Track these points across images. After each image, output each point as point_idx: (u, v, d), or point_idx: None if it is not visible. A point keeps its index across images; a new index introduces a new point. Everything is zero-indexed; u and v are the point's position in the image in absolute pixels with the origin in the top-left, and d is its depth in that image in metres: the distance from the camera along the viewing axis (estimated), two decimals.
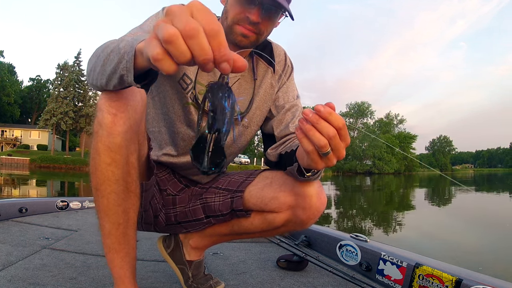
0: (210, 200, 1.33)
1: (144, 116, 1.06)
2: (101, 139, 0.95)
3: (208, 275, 1.49)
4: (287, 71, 1.40)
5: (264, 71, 1.34)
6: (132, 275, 1.11)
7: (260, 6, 1.10)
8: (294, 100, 1.37)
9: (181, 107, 1.26)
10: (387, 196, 16.70)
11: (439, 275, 1.46)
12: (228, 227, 1.34)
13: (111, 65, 0.80)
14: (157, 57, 0.54)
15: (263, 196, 1.23)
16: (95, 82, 0.91)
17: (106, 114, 0.94)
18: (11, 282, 1.41)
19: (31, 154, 42.57)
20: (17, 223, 2.58)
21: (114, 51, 0.82)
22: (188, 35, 0.52)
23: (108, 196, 1.01)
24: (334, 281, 1.72)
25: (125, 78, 0.77)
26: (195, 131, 1.29)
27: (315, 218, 1.20)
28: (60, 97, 43.95)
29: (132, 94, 0.96)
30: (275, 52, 1.38)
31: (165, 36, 0.51)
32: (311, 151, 0.80)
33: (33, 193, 12.18)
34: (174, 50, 0.53)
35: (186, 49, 0.53)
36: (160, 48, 0.54)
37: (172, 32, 0.51)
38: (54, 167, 36.36)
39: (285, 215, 1.21)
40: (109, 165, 0.98)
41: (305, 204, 1.16)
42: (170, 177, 1.41)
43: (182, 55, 0.53)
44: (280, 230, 1.30)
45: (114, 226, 1.04)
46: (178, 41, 0.52)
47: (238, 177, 1.35)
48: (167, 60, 0.54)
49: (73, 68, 45.76)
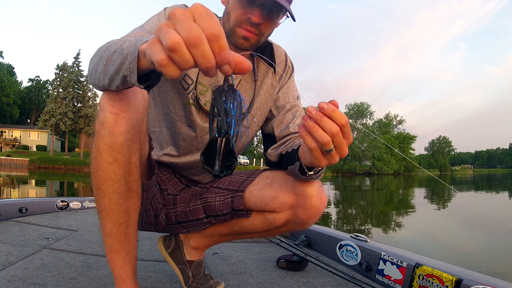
0: (211, 200, 1.33)
1: (146, 115, 1.06)
2: (103, 138, 0.96)
3: (208, 275, 1.49)
4: (288, 71, 1.40)
5: (265, 72, 1.35)
6: (133, 275, 1.12)
7: (261, 7, 1.10)
8: (295, 100, 1.38)
9: (182, 107, 1.27)
10: (387, 196, 16.70)
11: (439, 275, 1.46)
12: (229, 227, 1.34)
13: (114, 65, 0.81)
14: (161, 62, 0.55)
15: (263, 196, 1.23)
16: (97, 82, 0.91)
17: (108, 113, 0.94)
18: (11, 282, 1.41)
19: (30, 155, 42.57)
20: (17, 223, 2.58)
21: (117, 51, 0.82)
22: (191, 43, 0.53)
23: (109, 196, 1.01)
24: (334, 281, 1.73)
25: (128, 79, 0.78)
26: (197, 132, 1.29)
27: (316, 218, 1.20)
28: (59, 98, 43.95)
29: (134, 94, 0.96)
30: (276, 53, 1.38)
31: (168, 44, 0.53)
32: (314, 148, 0.80)
33: (32, 194, 12.15)
34: (178, 58, 0.54)
35: (190, 57, 0.54)
36: (164, 53, 0.55)
37: (175, 41, 0.53)
38: (53, 167, 36.34)
39: (286, 215, 1.21)
40: (111, 165, 0.98)
41: (305, 204, 1.16)
42: (170, 177, 1.41)
43: (185, 63, 0.54)
44: (280, 230, 1.30)
45: (115, 226, 1.05)
46: (182, 49, 0.53)
47: (239, 177, 1.35)
48: (171, 65, 0.55)
49: (72, 68, 45.78)
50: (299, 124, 0.80)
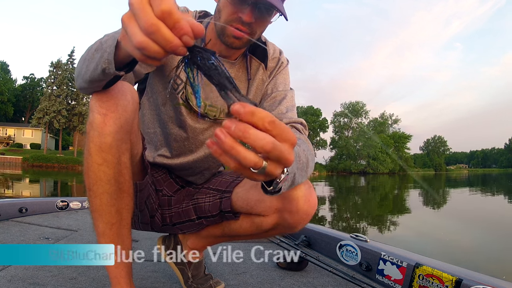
0: (201, 201, 1.32)
1: (137, 115, 1.06)
2: (93, 139, 0.97)
3: (208, 275, 1.49)
4: (281, 66, 1.35)
5: (256, 68, 1.32)
6: (127, 275, 1.11)
7: (253, 6, 1.07)
8: (285, 91, 1.31)
9: (172, 108, 1.25)
10: (382, 195, 16.78)
11: (439, 275, 1.47)
12: (220, 229, 1.32)
13: (94, 61, 0.83)
14: (135, 54, 0.58)
15: (248, 199, 1.19)
16: (82, 84, 0.93)
17: (97, 114, 0.95)
18: (11, 282, 1.40)
19: (24, 153, 42.21)
20: (17, 223, 2.57)
21: (95, 49, 0.84)
22: (150, 31, 0.54)
23: (100, 197, 1.01)
24: (334, 281, 1.73)
25: (107, 71, 0.80)
26: (188, 133, 1.28)
27: (305, 222, 1.13)
28: (53, 96, 43.65)
29: (122, 93, 0.97)
30: (269, 50, 1.34)
31: (136, 44, 0.55)
32: (239, 169, 0.56)
33: (26, 194, 12.06)
34: (147, 52, 0.55)
35: (157, 48, 0.55)
36: (135, 47, 0.57)
37: (140, 40, 0.54)
38: (47, 166, 36.12)
39: (273, 218, 1.16)
40: (101, 165, 0.98)
41: (292, 208, 1.09)
42: (166, 178, 1.40)
43: (156, 53, 0.55)
44: (270, 233, 1.25)
45: (108, 226, 1.05)
46: (149, 45, 0.55)
47: (229, 177, 1.33)
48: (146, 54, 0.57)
49: (66, 66, 45.46)
50: (207, 142, 0.55)
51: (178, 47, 0.55)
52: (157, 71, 1.23)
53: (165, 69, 1.22)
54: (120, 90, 0.96)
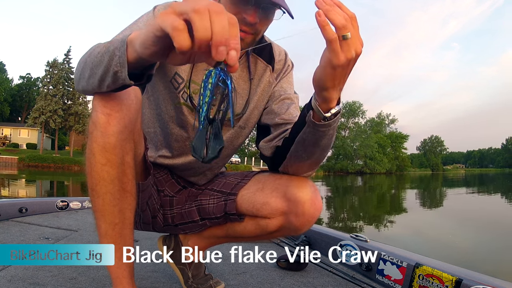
0: (205, 202, 1.32)
1: (140, 114, 1.05)
2: (96, 139, 0.96)
3: (208, 275, 1.49)
4: (287, 69, 1.36)
5: (263, 70, 1.31)
6: (130, 275, 1.11)
7: (257, 6, 1.06)
8: (291, 94, 1.33)
9: (173, 107, 1.24)
10: (379, 195, 16.82)
11: (439, 275, 1.47)
12: (223, 230, 1.33)
13: (102, 65, 0.81)
14: (178, 27, 0.57)
15: (254, 201, 1.20)
16: (85, 87, 0.92)
17: (100, 114, 0.94)
18: (11, 282, 1.40)
19: (20, 153, 41.96)
20: (17, 223, 2.57)
21: (101, 52, 0.82)
22: (215, 11, 0.56)
23: (103, 197, 1.01)
24: (334, 281, 1.73)
25: (119, 74, 0.78)
26: (189, 133, 1.27)
27: (310, 225, 1.16)
28: (49, 95, 43.27)
29: (126, 92, 0.96)
30: (275, 52, 1.34)
31: (195, 7, 0.56)
32: (333, 39, 0.75)
33: (22, 194, 12.00)
34: (199, 22, 0.56)
35: (209, 26, 0.56)
36: (180, 20, 0.58)
37: (203, 4, 0.56)
38: (43, 166, 35.88)
39: (278, 221, 1.19)
40: (104, 165, 0.98)
41: (297, 211, 1.12)
42: (168, 178, 1.40)
43: (204, 29, 0.56)
44: (275, 235, 1.27)
45: (110, 227, 1.04)
46: (205, 15, 0.56)
47: (233, 179, 1.33)
48: (185, 33, 0.58)
49: (62, 65, 45.12)
50: (315, 12, 0.75)
51: (223, 45, 0.57)
52: (157, 69, 1.21)
53: (166, 68, 1.21)
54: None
